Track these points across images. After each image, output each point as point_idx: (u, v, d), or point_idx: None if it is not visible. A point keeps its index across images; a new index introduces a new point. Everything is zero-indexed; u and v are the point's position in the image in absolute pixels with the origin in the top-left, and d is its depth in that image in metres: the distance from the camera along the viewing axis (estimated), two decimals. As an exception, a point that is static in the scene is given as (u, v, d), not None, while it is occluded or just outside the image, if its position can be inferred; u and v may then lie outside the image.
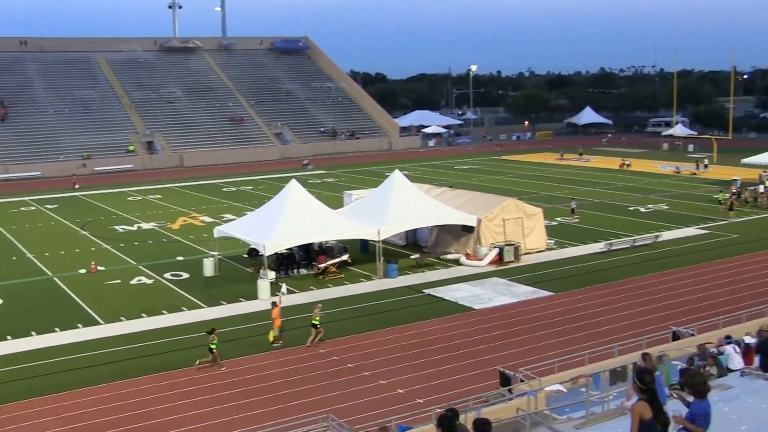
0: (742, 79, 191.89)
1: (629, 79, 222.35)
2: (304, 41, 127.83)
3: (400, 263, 37.99)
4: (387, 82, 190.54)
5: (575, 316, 30.63)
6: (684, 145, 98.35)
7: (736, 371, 17.56)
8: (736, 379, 15.30)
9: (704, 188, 63.79)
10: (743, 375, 15.24)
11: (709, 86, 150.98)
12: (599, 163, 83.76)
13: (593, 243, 43.24)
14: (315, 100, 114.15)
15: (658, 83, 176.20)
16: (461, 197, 44.00)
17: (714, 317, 27.62)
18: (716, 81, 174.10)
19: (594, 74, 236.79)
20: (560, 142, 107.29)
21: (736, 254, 40.54)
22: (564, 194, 60.16)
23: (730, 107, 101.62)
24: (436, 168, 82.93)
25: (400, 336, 28.85)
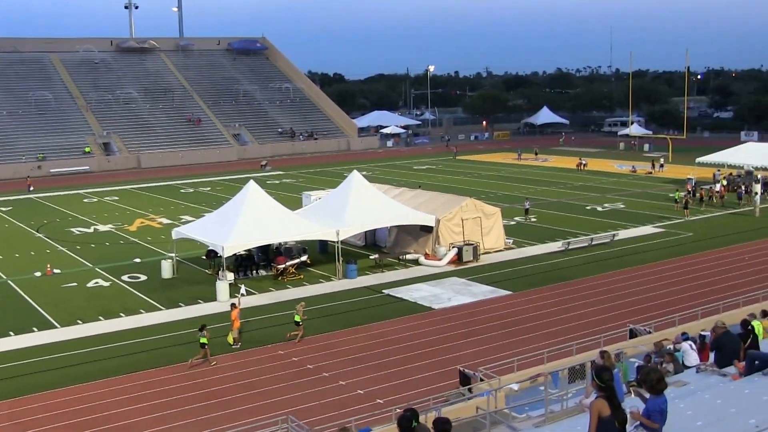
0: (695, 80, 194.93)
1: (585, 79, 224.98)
2: (261, 42, 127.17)
3: (359, 264, 37.93)
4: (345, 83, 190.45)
5: (534, 315, 30.80)
6: (640, 144, 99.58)
7: (692, 368, 17.76)
8: (692, 375, 15.46)
9: (660, 187, 64.59)
10: (699, 371, 15.41)
11: (663, 86, 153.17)
12: (556, 163, 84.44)
13: (551, 242, 43.55)
14: (273, 101, 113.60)
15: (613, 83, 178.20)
16: (420, 197, 44.05)
17: (670, 314, 27.98)
18: (671, 81, 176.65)
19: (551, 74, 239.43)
20: (518, 142, 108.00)
21: (691, 252, 41.08)
22: (522, 194, 60.50)
23: (685, 107, 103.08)
24: (394, 168, 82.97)
25: (360, 336, 28.79)
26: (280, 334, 28.81)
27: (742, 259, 39.34)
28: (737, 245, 42.50)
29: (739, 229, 47.13)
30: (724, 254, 40.54)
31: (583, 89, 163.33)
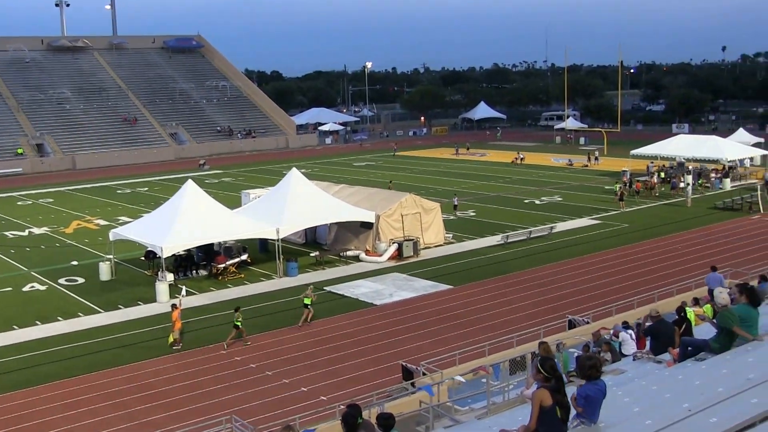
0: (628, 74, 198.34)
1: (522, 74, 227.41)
2: (197, 39, 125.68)
3: (299, 261, 37.85)
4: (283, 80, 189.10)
5: (475, 309, 31.09)
6: (576, 138, 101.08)
7: (629, 356, 18.12)
8: (629, 363, 15.75)
9: (596, 180, 65.69)
10: (635, 359, 15.70)
11: (598, 81, 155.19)
12: (494, 157, 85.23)
13: (490, 236, 43.97)
14: (210, 99, 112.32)
15: (549, 78, 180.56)
16: (360, 194, 44.08)
17: (608, 304, 28.54)
18: (605, 75, 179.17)
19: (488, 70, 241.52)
20: (456, 137, 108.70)
21: (627, 243, 41.89)
22: (461, 189, 60.94)
23: (619, 101, 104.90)
24: (333, 165, 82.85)
25: (303, 334, 28.73)
26: (221, 334, 28.59)
27: (676, 248, 40.26)
28: (670, 235, 43.47)
29: (672, 219, 48.20)
30: (658, 244, 41.42)
31: (519, 84, 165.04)
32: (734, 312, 11.84)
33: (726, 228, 45.09)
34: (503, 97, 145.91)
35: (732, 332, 11.70)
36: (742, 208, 50.55)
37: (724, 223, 46.60)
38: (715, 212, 50.17)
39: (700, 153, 63.18)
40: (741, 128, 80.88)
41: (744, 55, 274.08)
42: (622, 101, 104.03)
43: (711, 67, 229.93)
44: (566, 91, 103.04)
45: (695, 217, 48.78)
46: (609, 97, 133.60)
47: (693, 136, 71.60)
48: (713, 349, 11.96)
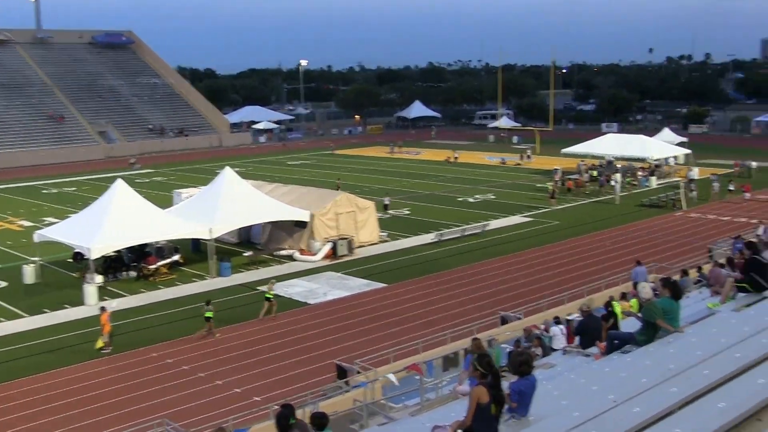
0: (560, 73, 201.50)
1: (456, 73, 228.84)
2: (127, 35, 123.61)
3: (233, 261, 37.63)
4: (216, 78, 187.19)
5: (409, 306, 31.33)
6: (509, 136, 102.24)
7: (559, 350, 18.53)
8: (559, 357, 16.13)
9: (528, 178, 66.66)
10: (565, 353, 16.08)
11: (531, 80, 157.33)
12: (429, 156, 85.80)
13: (425, 234, 44.31)
14: (141, 97, 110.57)
15: (484, 77, 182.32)
16: (294, 193, 44.00)
17: (539, 300, 29.07)
18: (537, 75, 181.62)
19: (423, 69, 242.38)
20: (391, 136, 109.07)
21: (558, 239, 42.66)
22: (396, 188, 61.24)
23: (551, 100, 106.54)
24: (268, 164, 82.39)
25: (236, 335, 28.60)
26: (152, 337, 28.31)
27: (604, 244, 41.17)
28: (600, 232, 44.42)
29: (601, 216, 49.24)
30: (588, 241, 42.30)
31: (454, 83, 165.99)
32: (657, 305, 12.22)
33: (651, 224, 46.26)
34: (438, 96, 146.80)
35: (656, 325, 12.08)
36: (666, 205, 51.91)
37: (649, 219, 47.80)
38: (642, 209, 51.41)
39: (628, 152, 64.73)
40: (666, 128, 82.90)
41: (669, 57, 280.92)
42: (555, 101, 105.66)
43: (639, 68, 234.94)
44: (500, 90, 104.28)
45: (623, 214, 49.90)
46: (541, 96, 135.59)
47: (621, 136, 73.35)
48: (638, 342, 12.33)
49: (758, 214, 46.98)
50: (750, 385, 8.32)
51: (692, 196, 53.67)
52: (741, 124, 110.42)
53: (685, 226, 45.94)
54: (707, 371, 9.06)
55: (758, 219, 42.42)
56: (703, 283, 22.11)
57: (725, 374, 8.83)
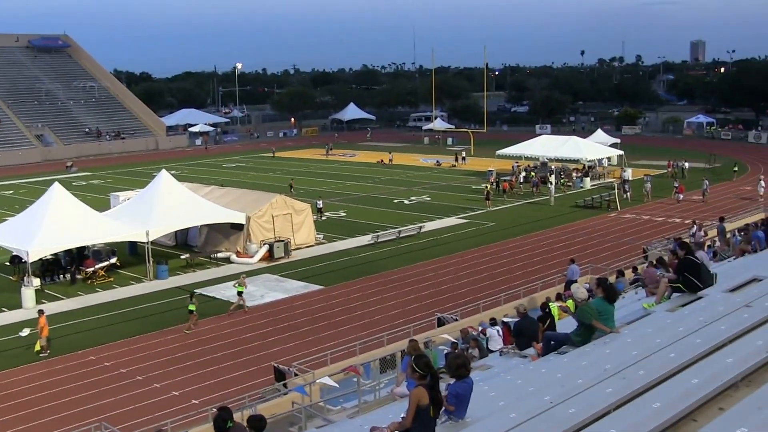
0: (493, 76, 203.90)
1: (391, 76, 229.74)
2: (63, 39, 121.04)
3: (170, 264, 37.12)
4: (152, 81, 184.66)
5: (346, 308, 31.23)
6: (443, 138, 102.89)
7: (496, 351, 18.62)
8: (496, 359, 16.19)
9: (463, 179, 67.08)
10: (502, 354, 16.14)
11: (464, 82, 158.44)
12: (364, 158, 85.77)
13: (361, 236, 44.24)
14: (77, 100, 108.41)
15: (417, 79, 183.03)
16: (230, 195, 43.57)
17: (475, 302, 29.22)
18: (471, 77, 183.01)
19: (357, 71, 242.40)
20: (326, 138, 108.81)
21: (494, 241, 42.97)
22: (332, 189, 61.10)
23: (484, 102, 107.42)
24: (204, 167, 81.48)
25: (173, 338, 28.17)
26: (91, 340, 27.75)
27: (540, 245, 41.59)
28: (535, 233, 44.87)
29: (536, 217, 49.78)
30: (523, 242, 42.70)
31: (388, 85, 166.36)
32: (592, 306, 12.32)
33: (586, 225, 46.92)
34: (372, 98, 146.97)
35: (591, 326, 12.17)
36: (601, 205, 52.70)
37: (584, 220, 48.47)
38: (577, 210, 52.11)
39: (562, 153, 65.54)
40: (599, 129, 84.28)
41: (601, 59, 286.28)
42: (488, 102, 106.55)
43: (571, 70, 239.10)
44: (434, 92, 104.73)
45: (558, 215, 50.52)
46: (475, 98, 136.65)
47: (555, 137, 74.23)
48: (574, 343, 12.41)
49: (692, 214, 47.98)
50: (685, 385, 8.41)
51: (626, 197, 54.61)
52: (673, 125, 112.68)
53: (619, 226, 46.70)
54: (642, 371, 9.15)
55: (692, 219, 43.27)
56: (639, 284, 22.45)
57: (660, 374, 8.91)
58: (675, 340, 10.07)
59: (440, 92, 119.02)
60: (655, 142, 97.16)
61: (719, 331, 10.00)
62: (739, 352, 8.97)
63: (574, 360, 11.20)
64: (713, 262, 20.91)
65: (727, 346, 9.39)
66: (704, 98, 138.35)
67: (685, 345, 9.73)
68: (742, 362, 8.50)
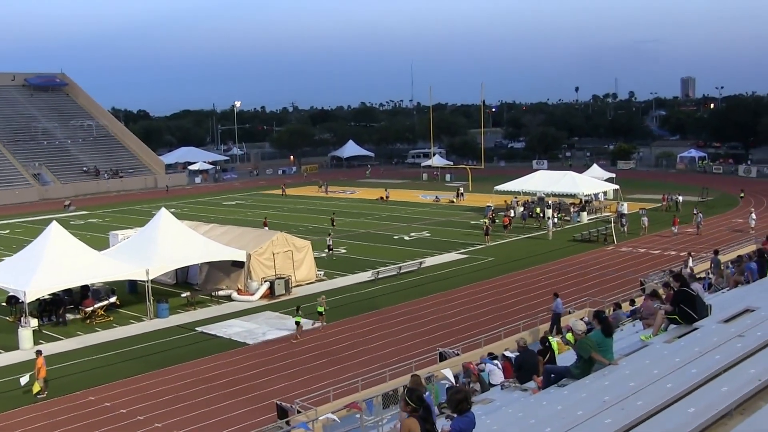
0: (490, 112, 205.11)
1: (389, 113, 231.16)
2: (60, 77, 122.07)
3: (170, 302, 37.15)
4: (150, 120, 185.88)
5: (348, 345, 31.29)
6: (442, 174, 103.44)
7: (497, 385, 18.70)
8: (497, 392, 16.29)
9: (462, 215, 67.36)
10: (503, 388, 16.25)
11: (462, 119, 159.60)
12: (363, 195, 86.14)
13: (361, 272, 44.38)
14: (75, 139, 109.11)
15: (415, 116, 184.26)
16: (230, 233, 43.78)
17: (476, 336, 29.27)
18: (468, 114, 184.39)
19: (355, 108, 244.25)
20: (326, 175, 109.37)
21: (493, 276, 43.13)
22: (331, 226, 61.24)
23: (481, 138, 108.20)
24: (203, 204, 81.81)
25: (175, 376, 28.17)
26: (89, 380, 27.73)
27: (539, 279, 41.74)
28: (534, 267, 45.05)
29: (535, 252, 49.97)
30: (522, 276, 42.86)
31: (386, 122, 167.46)
32: (591, 339, 12.51)
33: (584, 259, 47.12)
34: (371, 135, 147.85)
35: (590, 358, 12.35)
36: (598, 239, 52.97)
37: (582, 254, 48.68)
38: (574, 244, 52.35)
39: (559, 188, 65.99)
40: (595, 164, 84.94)
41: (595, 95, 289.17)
42: (485, 139, 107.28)
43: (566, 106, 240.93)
44: (431, 129, 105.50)
45: (556, 249, 50.74)
46: (472, 134, 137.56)
47: (552, 172, 74.67)
48: (574, 375, 12.58)
49: (687, 246, 48.22)
50: (682, 415, 8.58)
51: (623, 231, 54.90)
52: (666, 160, 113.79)
53: (616, 259, 46.90)
54: (641, 402, 9.31)
55: (687, 251, 43.51)
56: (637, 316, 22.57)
57: (658, 404, 9.08)
58: (672, 371, 10.25)
59: (438, 129, 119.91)
60: (649, 177, 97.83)
61: (714, 361, 10.19)
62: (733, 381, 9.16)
63: (574, 392, 11.36)
64: (708, 294, 21.11)
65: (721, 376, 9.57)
66: (696, 133, 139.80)
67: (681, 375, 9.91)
68: (736, 391, 8.68)
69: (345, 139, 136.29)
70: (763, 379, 8.96)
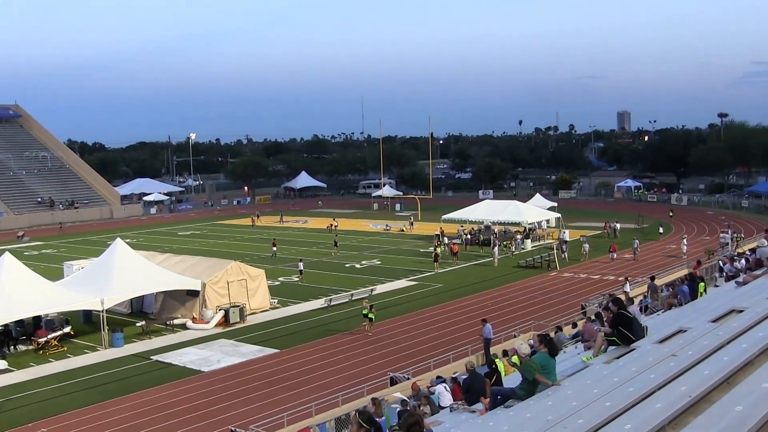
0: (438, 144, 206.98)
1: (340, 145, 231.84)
2: (14, 109, 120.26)
3: (125, 331, 36.64)
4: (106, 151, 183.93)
5: (301, 371, 31.16)
6: (392, 204, 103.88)
7: (446, 407, 18.80)
8: (447, 414, 16.37)
9: (411, 243, 67.66)
10: (452, 410, 16.34)
11: (411, 150, 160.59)
12: (316, 224, 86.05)
13: (314, 300, 44.30)
14: (30, 170, 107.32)
15: (366, 148, 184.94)
16: (185, 262, 43.43)
17: (426, 360, 29.40)
18: (417, 146, 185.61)
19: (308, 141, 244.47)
20: (279, 206, 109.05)
21: (442, 301, 43.36)
22: (285, 255, 61.10)
23: (430, 169, 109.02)
24: (159, 235, 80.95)
25: (130, 405, 27.73)
26: (42, 412, 27.15)
27: (486, 305, 42.07)
28: (481, 293, 45.41)
29: (482, 278, 50.38)
30: (470, 301, 43.16)
31: (338, 154, 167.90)
32: (536, 361, 12.69)
33: (528, 285, 47.63)
34: (323, 166, 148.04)
35: (535, 380, 12.53)
36: (542, 265, 53.62)
37: (526, 280, 49.21)
38: (519, 270, 52.89)
39: (504, 216, 66.71)
40: (538, 194, 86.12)
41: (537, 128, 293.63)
42: (433, 170, 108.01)
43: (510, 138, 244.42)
44: (381, 160, 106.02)
45: (502, 275, 51.22)
46: (421, 166, 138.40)
47: (497, 201, 75.48)
48: (519, 396, 12.72)
49: (625, 271, 49.06)
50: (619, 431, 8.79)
51: (564, 257, 55.65)
52: (605, 189, 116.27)
53: (559, 285, 47.49)
54: (581, 420, 9.49)
55: (624, 276, 44.29)
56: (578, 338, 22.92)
57: (597, 422, 9.26)
58: (610, 390, 10.47)
59: (388, 160, 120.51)
60: (588, 205, 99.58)
61: (649, 379, 10.43)
62: (667, 398, 9.40)
63: (520, 413, 11.51)
64: (644, 316, 21.59)
65: (656, 393, 9.81)
66: (631, 164, 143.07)
67: (619, 394, 10.13)
68: (669, 407, 8.92)
69: (298, 171, 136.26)
70: (693, 395, 9.23)
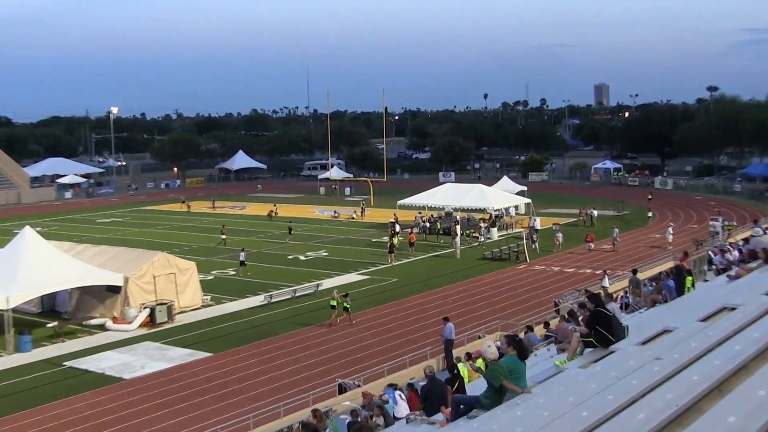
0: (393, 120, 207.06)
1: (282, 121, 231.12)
2: None
3: (34, 334, 36.02)
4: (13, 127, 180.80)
5: (237, 377, 30.93)
6: (341, 188, 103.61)
7: (402, 419, 18.72)
8: (403, 426, 16.27)
9: (363, 232, 67.56)
10: (408, 421, 16.25)
11: (362, 128, 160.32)
12: (254, 210, 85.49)
13: (253, 296, 43.99)
14: None
15: (312, 125, 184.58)
16: (105, 254, 42.82)
17: (379, 365, 29.34)
18: (369, 122, 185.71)
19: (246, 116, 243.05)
20: (213, 190, 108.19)
21: (398, 298, 43.36)
22: (220, 246, 60.57)
23: (384, 149, 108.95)
24: (74, 222, 79.75)
25: (40, 418, 27.29)
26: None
27: (447, 302, 42.15)
28: (441, 288, 45.52)
29: (442, 272, 50.51)
30: (429, 298, 43.22)
31: (280, 132, 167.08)
32: (503, 365, 12.62)
33: (495, 279, 47.86)
34: (263, 145, 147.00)
35: (502, 387, 12.47)
36: (509, 257, 53.83)
37: (492, 273, 49.44)
38: (484, 263, 53.13)
39: (467, 202, 66.84)
40: (505, 176, 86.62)
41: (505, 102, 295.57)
42: (388, 149, 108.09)
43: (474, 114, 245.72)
44: (329, 138, 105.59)
45: (465, 268, 51.40)
46: (374, 145, 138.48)
47: (459, 185, 75.68)
48: (484, 405, 12.66)
49: (603, 264, 49.51)
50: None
51: (535, 248, 55.92)
52: (580, 172, 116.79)
53: (528, 279, 47.80)
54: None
55: (602, 270, 44.64)
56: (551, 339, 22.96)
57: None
58: (587, 398, 10.42)
59: (336, 138, 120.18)
60: (562, 189, 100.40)
61: (631, 386, 10.41)
62: (650, 406, 9.37)
63: (485, 424, 11.44)
64: (624, 314, 21.65)
65: (638, 402, 9.79)
66: (610, 143, 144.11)
67: (597, 402, 10.09)
68: (652, 417, 8.88)
69: (234, 150, 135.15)
70: (680, 404, 9.21)
